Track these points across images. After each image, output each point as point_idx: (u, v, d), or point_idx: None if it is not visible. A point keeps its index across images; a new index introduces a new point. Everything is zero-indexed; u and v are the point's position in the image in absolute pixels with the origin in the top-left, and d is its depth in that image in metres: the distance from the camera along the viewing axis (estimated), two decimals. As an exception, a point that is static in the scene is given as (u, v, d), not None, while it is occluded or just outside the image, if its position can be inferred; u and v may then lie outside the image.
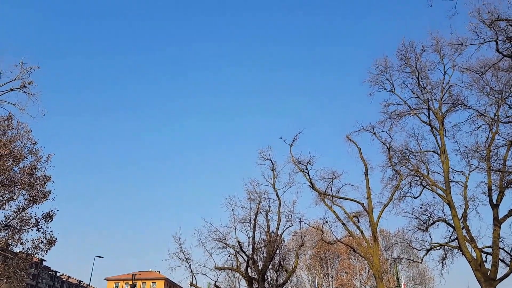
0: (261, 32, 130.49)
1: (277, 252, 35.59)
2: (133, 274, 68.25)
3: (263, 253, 34.51)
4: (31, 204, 31.17)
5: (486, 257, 26.55)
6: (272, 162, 34.56)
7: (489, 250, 26.47)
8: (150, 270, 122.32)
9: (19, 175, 30.77)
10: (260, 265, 33.56)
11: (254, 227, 33.07)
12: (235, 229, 32.51)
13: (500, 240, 25.84)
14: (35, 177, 31.61)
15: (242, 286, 48.48)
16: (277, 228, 33.26)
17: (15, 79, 29.42)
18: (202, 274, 31.98)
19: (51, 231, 31.26)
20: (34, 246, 30.42)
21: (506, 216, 25.97)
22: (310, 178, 32.82)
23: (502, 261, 26.02)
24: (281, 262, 38.05)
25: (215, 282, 32.29)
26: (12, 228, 30.33)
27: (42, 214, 31.44)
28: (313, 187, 32.91)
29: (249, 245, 32.74)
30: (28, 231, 30.73)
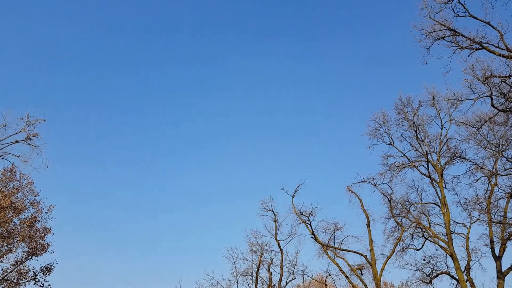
0: (264, 77, 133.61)
1: (280, 306, 34.73)
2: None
3: (265, 308, 33.75)
4: (30, 257, 30.65)
5: (491, 311, 26.29)
6: (274, 213, 34.63)
7: (494, 303, 26.21)
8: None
9: (19, 227, 30.49)
10: (262, 320, 32.74)
11: (256, 280, 32.55)
12: (237, 282, 32.03)
13: (505, 293, 25.65)
14: (35, 229, 31.30)
15: None
16: (280, 281, 32.73)
17: (20, 131, 29.77)
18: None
19: (49, 285, 30.58)
20: (31, 300, 29.64)
21: (510, 269, 25.97)
22: (312, 229, 32.84)
23: (508, 315, 25.71)
24: (284, 318, 37.04)
25: None
26: (9, 282, 29.65)
27: (41, 267, 30.87)
28: (315, 238, 32.82)
29: (250, 299, 32.09)
30: (25, 285, 30.05)
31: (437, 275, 30.03)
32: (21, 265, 30.32)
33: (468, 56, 21.07)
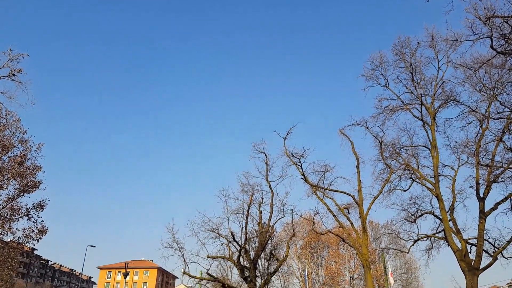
0: (255, 36, 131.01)
1: (269, 242, 35.86)
2: (126, 263, 68.34)
3: (255, 243, 34.82)
4: (22, 194, 30.79)
5: (470, 248, 27.30)
6: (265, 155, 34.59)
7: (474, 241, 27.17)
8: (143, 259, 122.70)
9: (9, 164, 30.32)
10: (252, 254, 33.83)
11: (247, 218, 33.26)
12: (228, 220, 32.53)
13: (485, 232, 26.52)
14: (25, 166, 31.16)
15: (234, 274, 48.79)
16: (270, 219, 33.52)
17: (3, 66, 28.72)
18: (195, 263, 31.71)
19: (42, 221, 30.93)
20: (25, 235, 30.15)
21: (492, 209, 26.59)
22: (303, 171, 33.14)
23: (486, 252, 26.76)
24: (273, 252, 38.39)
25: (208, 270, 32.27)
26: (2, 218, 30.03)
27: (33, 204, 31.08)
28: (305, 179, 33.22)
29: (241, 235, 32.91)
30: (18, 220, 30.42)
31: (422, 214, 30.70)
32: (13, 202, 30.53)
33: (472, -7, 20.05)
